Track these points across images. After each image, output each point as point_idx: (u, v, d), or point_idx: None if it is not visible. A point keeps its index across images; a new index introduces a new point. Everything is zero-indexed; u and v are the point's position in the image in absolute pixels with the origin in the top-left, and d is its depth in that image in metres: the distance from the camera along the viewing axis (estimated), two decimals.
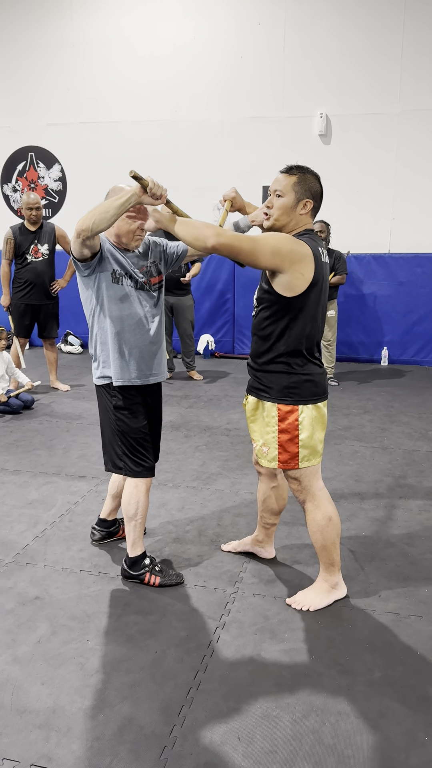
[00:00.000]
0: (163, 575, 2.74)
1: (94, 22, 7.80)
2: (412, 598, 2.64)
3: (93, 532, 3.12)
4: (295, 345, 2.37)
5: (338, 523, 2.54)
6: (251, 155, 7.57)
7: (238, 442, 4.61)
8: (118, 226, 2.56)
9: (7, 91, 8.27)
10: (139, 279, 2.64)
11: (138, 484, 2.70)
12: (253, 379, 2.53)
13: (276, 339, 2.38)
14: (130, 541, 2.74)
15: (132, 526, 2.72)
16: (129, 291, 2.61)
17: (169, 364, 6.55)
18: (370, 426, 5.03)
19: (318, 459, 2.48)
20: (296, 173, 2.34)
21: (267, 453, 2.49)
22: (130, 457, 2.68)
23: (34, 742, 1.90)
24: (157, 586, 2.72)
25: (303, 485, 2.50)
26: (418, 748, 1.88)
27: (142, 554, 2.75)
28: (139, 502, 2.69)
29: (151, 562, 2.76)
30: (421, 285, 7.20)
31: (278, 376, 2.40)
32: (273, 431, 2.44)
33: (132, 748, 1.87)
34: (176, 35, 7.58)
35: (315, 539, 2.54)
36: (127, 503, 2.72)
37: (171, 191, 8.80)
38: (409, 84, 7.05)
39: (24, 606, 2.59)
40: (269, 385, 2.43)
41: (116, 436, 2.69)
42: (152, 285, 2.71)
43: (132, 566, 2.75)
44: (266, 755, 1.85)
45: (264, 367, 2.44)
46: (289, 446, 2.43)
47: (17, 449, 4.45)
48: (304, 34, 7.22)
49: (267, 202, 2.41)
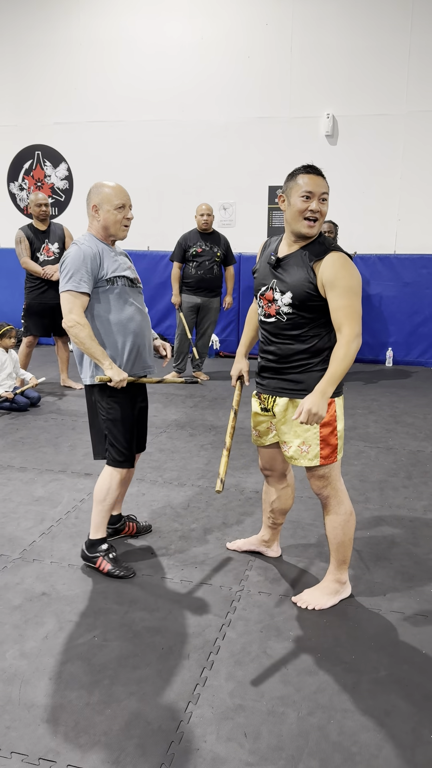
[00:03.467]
0: (114, 564, 2.81)
1: (102, 22, 7.82)
2: (417, 598, 2.65)
3: None
4: (333, 342, 2.43)
5: (355, 518, 2.58)
6: (258, 155, 7.58)
7: (243, 441, 4.62)
8: (104, 218, 2.73)
9: (14, 89, 8.30)
10: (130, 276, 2.79)
11: (113, 473, 2.81)
12: (278, 380, 2.51)
13: (319, 338, 2.42)
14: (93, 523, 2.84)
15: (98, 510, 2.82)
16: (122, 289, 2.74)
17: (182, 366, 6.56)
18: (375, 426, 5.04)
19: (342, 451, 2.54)
20: (324, 176, 2.37)
21: (308, 451, 2.47)
22: (116, 447, 2.79)
23: (42, 736, 1.91)
24: (105, 572, 2.80)
25: (330, 480, 2.51)
26: (424, 745, 1.89)
27: (101, 539, 2.84)
28: (110, 489, 2.80)
29: (108, 549, 2.84)
30: (426, 286, 7.20)
31: (318, 372, 2.42)
32: (314, 427, 2.44)
33: (139, 743, 1.89)
34: (183, 35, 7.59)
35: (335, 535, 2.55)
36: (98, 488, 2.82)
37: (177, 191, 8.89)
38: (416, 85, 7.05)
39: (31, 602, 2.60)
40: (307, 382, 2.43)
41: (104, 426, 2.80)
42: (139, 282, 2.88)
43: (89, 548, 2.85)
44: (272, 751, 1.87)
45: (299, 365, 2.45)
46: (330, 439, 2.45)
47: (23, 446, 4.47)
48: (311, 34, 7.22)
49: (314, 206, 2.31)
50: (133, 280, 2.81)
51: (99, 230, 2.76)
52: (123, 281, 2.74)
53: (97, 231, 2.76)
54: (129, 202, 2.75)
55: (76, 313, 2.64)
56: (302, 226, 2.34)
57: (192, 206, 6.89)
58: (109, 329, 2.73)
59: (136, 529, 3.17)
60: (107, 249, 2.75)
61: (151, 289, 7.90)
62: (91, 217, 2.75)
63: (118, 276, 2.72)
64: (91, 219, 2.76)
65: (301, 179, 2.33)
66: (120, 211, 2.72)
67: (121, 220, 2.73)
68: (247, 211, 7.78)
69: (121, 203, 2.71)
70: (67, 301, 2.65)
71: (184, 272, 6.34)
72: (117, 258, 2.77)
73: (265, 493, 2.85)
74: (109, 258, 2.73)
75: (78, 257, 2.65)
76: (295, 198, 2.33)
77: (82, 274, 2.64)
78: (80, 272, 2.64)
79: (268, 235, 7.75)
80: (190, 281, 6.31)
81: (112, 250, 2.77)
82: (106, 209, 2.70)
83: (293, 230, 2.38)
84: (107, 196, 2.70)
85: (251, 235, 7.76)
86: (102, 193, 2.71)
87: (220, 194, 7.81)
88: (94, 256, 2.67)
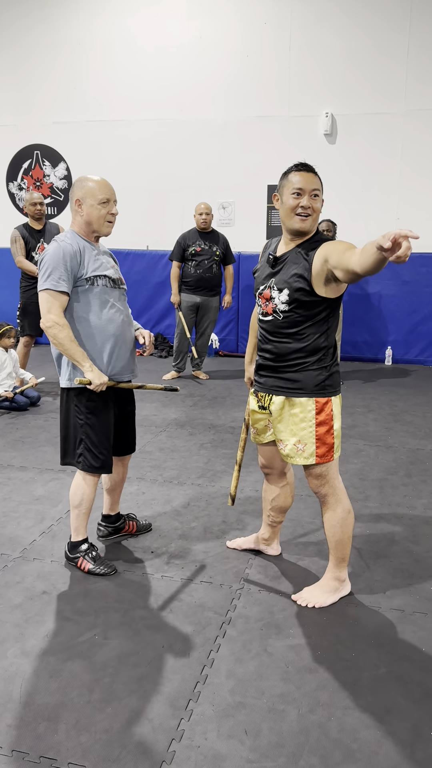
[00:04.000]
0: (95, 563, 2.81)
1: (101, 21, 7.82)
2: (417, 596, 2.66)
3: (99, 528, 3.14)
4: (330, 340, 2.45)
5: (354, 516, 2.58)
6: (256, 154, 7.58)
7: None
8: (88, 213, 2.65)
9: (13, 89, 8.29)
10: (112, 276, 2.72)
11: (87, 478, 2.78)
12: (274, 379, 2.52)
13: (316, 337, 2.42)
14: (72, 527, 2.85)
15: (75, 514, 2.82)
16: (103, 290, 2.67)
17: (182, 365, 6.58)
18: (375, 425, 5.04)
19: (340, 449, 2.54)
20: (317, 173, 2.37)
21: (303, 450, 2.48)
22: (92, 452, 2.73)
23: (43, 734, 1.92)
24: (86, 571, 2.80)
25: (328, 479, 2.51)
26: (424, 742, 1.90)
27: (81, 540, 2.84)
28: (84, 494, 2.78)
29: (88, 549, 2.84)
30: (425, 284, 7.21)
31: (315, 371, 2.43)
32: (310, 426, 2.45)
33: (140, 741, 1.89)
34: (182, 34, 7.59)
35: (333, 533, 2.56)
36: (73, 493, 2.81)
37: (176, 190, 8.88)
38: (414, 84, 7.06)
39: (32, 600, 2.61)
40: (303, 380, 2.44)
41: (81, 431, 2.72)
42: (122, 283, 2.80)
43: (71, 549, 2.87)
44: (273, 748, 1.87)
45: (295, 364, 2.45)
46: (326, 438, 2.46)
47: (23, 446, 4.48)
48: (310, 33, 7.23)
49: (305, 202, 2.35)
50: (116, 281, 2.74)
51: (82, 226, 2.68)
52: (104, 281, 2.67)
53: (79, 227, 2.69)
54: (114, 197, 2.67)
55: (55, 313, 2.57)
56: (295, 221, 2.37)
57: (191, 205, 6.90)
58: (88, 331, 2.66)
59: (136, 528, 3.17)
60: (89, 247, 2.68)
61: (150, 289, 7.91)
62: (74, 212, 2.67)
63: (99, 275, 2.65)
64: (74, 214, 2.68)
65: (293, 177, 2.36)
66: (104, 206, 2.64)
67: (105, 216, 2.66)
68: (246, 210, 7.79)
69: (106, 198, 2.63)
70: (46, 300, 2.58)
71: (184, 271, 6.35)
72: (99, 257, 2.70)
73: (265, 491, 2.86)
74: (90, 256, 2.65)
75: (57, 255, 2.58)
76: (287, 196, 2.37)
77: (60, 272, 2.57)
78: (59, 270, 2.57)
79: (267, 234, 7.76)
80: (189, 280, 6.31)
81: (94, 248, 2.70)
82: (90, 204, 2.62)
83: (288, 228, 2.42)
84: (91, 190, 2.62)
85: (250, 234, 7.77)
86: (85, 187, 2.63)
87: (219, 193, 7.81)
88: (74, 254, 2.60)
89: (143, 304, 8.00)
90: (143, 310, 8.03)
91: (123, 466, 3.04)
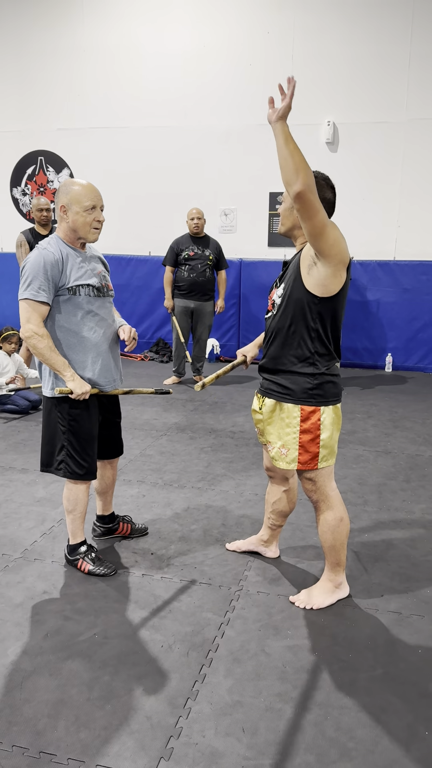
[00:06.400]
0: (95, 564, 2.84)
1: (105, 29, 7.89)
2: (414, 599, 2.68)
3: (94, 528, 3.20)
4: (323, 347, 2.43)
5: (348, 524, 2.59)
6: (258, 161, 7.63)
7: (243, 444, 4.65)
8: (73, 220, 2.58)
9: (18, 95, 8.37)
10: (96, 285, 2.68)
11: (72, 485, 2.80)
12: (269, 382, 2.55)
13: (304, 341, 2.41)
14: (70, 530, 2.88)
15: (70, 519, 2.85)
16: (86, 299, 2.64)
17: (181, 369, 6.61)
18: (374, 431, 5.07)
19: (333, 459, 2.54)
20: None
21: (286, 455, 2.51)
22: (74, 459, 2.72)
23: (43, 730, 1.94)
24: (86, 572, 2.83)
25: (318, 485, 2.53)
26: (419, 742, 1.92)
27: (79, 543, 2.87)
28: (77, 500, 2.81)
29: (87, 551, 2.87)
30: (425, 292, 7.25)
31: (302, 377, 2.43)
32: (294, 432, 2.47)
33: (139, 738, 1.92)
34: (186, 42, 7.66)
35: (325, 539, 2.58)
36: (66, 499, 2.83)
37: (178, 197, 8.91)
38: (416, 93, 7.12)
39: (32, 600, 2.63)
40: (291, 387, 2.45)
41: (63, 437, 2.71)
42: (109, 290, 2.77)
43: (70, 552, 2.90)
44: (270, 746, 1.90)
45: (286, 368, 2.46)
46: (310, 446, 2.46)
47: (25, 448, 4.51)
48: (312, 43, 7.29)
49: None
50: (100, 288, 2.69)
51: (67, 232, 2.62)
52: (87, 290, 2.63)
53: (64, 233, 2.63)
54: (100, 203, 2.60)
55: (34, 323, 2.54)
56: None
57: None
58: (70, 341, 2.64)
59: (130, 530, 3.20)
60: (73, 254, 2.63)
61: (152, 294, 7.95)
62: (59, 218, 2.61)
63: (81, 285, 2.61)
64: (60, 220, 2.62)
65: None
66: (90, 212, 2.57)
67: (91, 222, 2.59)
68: (248, 217, 7.84)
69: (92, 204, 2.57)
70: (25, 310, 2.54)
71: (177, 276, 6.39)
72: (84, 264, 2.65)
73: (268, 493, 2.89)
74: (74, 264, 2.61)
75: (37, 264, 2.53)
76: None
77: (41, 281, 2.52)
78: (38, 279, 2.52)
79: (268, 240, 7.81)
80: (182, 285, 6.35)
81: (79, 255, 2.65)
82: (75, 210, 2.56)
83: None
84: (76, 196, 2.55)
85: (252, 241, 7.83)
86: (71, 193, 2.56)
87: (221, 200, 7.87)
88: (55, 262, 2.55)
89: (145, 310, 8.05)
90: (145, 315, 8.08)
91: (112, 468, 3.07)
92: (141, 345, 8.12)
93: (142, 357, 7.98)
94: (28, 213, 8.68)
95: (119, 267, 7.90)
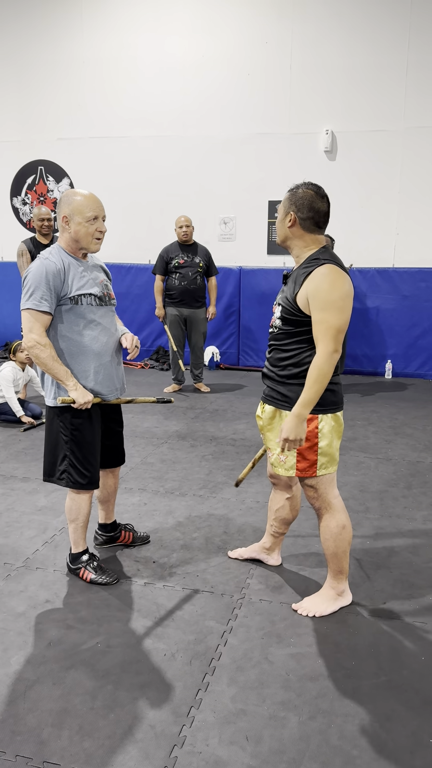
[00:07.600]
0: (97, 572, 2.84)
1: (105, 40, 7.95)
2: (416, 606, 2.68)
3: (96, 537, 3.20)
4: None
5: (350, 531, 2.58)
6: (258, 171, 7.67)
7: (244, 452, 4.65)
8: (75, 230, 2.59)
9: (18, 105, 8.42)
10: (98, 294, 2.69)
11: (74, 494, 2.80)
12: (270, 389, 2.56)
13: (302, 352, 2.43)
14: (71, 540, 2.88)
15: (72, 528, 2.86)
16: (88, 309, 2.65)
17: (180, 377, 6.62)
18: (375, 437, 5.08)
19: (335, 467, 2.53)
20: (289, 191, 2.46)
21: (285, 461, 2.52)
22: (77, 468, 2.73)
23: (47, 739, 1.94)
24: (88, 581, 2.84)
25: (319, 493, 2.54)
26: (423, 749, 1.92)
27: (81, 552, 2.88)
28: (80, 509, 2.82)
29: (89, 560, 2.88)
30: (425, 299, 7.27)
31: (301, 387, 2.41)
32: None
33: (142, 747, 1.92)
34: (185, 53, 7.72)
35: (327, 546, 2.58)
36: (68, 508, 2.83)
37: (178, 206, 8.90)
38: (413, 101, 7.16)
39: (35, 609, 2.63)
40: (290, 395, 2.46)
41: (66, 447, 2.72)
42: (111, 299, 2.78)
43: (72, 561, 2.91)
44: (274, 755, 1.89)
45: (287, 377, 2.48)
46: (308, 454, 2.47)
47: (26, 457, 4.51)
48: (310, 52, 7.35)
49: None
50: (102, 297, 2.70)
51: (69, 242, 2.63)
52: (89, 299, 2.63)
53: (66, 243, 2.64)
54: (102, 213, 2.61)
55: (37, 333, 2.54)
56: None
57: (195, 220, 6.98)
58: (73, 350, 2.65)
59: (132, 539, 3.20)
60: (75, 263, 2.64)
61: (152, 302, 7.90)
62: (61, 228, 2.62)
63: (83, 294, 2.61)
64: (62, 230, 2.63)
65: None
66: (92, 223, 2.58)
67: (93, 233, 2.60)
68: (247, 226, 7.87)
69: (94, 215, 2.57)
70: (27, 320, 2.55)
71: (168, 284, 6.40)
72: (86, 273, 2.66)
73: (271, 500, 2.90)
74: (75, 274, 2.61)
75: (39, 273, 2.54)
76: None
77: (43, 291, 2.53)
78: (41, 289, 2.53)
79: (268, 249, 7.84)
80: (173, 293, 6.36)
81: (81, 264, 2.66)
82: (78, 221, 2.56)
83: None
84: (79, 207, 2.56)
85: (251, 249, 7.85)
86: (73, 204, 2.57)
87: (220, 209, 7.90)
88: (56, 272, 2.56)
89: (145, 318, 8.06)
90: (145, 323, 8.10)
91: (114, 477, 3.08)
92: (141, 353, 8.14)
93: (143, 365, 7.99)
94: (28, 222, 8.71)
95: (119, 275, 7.93)
